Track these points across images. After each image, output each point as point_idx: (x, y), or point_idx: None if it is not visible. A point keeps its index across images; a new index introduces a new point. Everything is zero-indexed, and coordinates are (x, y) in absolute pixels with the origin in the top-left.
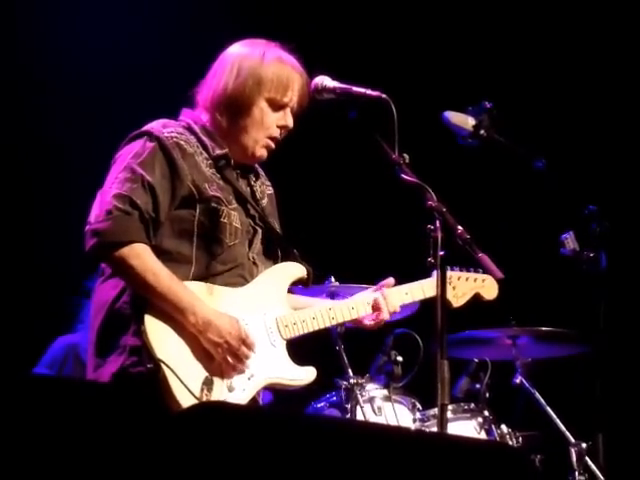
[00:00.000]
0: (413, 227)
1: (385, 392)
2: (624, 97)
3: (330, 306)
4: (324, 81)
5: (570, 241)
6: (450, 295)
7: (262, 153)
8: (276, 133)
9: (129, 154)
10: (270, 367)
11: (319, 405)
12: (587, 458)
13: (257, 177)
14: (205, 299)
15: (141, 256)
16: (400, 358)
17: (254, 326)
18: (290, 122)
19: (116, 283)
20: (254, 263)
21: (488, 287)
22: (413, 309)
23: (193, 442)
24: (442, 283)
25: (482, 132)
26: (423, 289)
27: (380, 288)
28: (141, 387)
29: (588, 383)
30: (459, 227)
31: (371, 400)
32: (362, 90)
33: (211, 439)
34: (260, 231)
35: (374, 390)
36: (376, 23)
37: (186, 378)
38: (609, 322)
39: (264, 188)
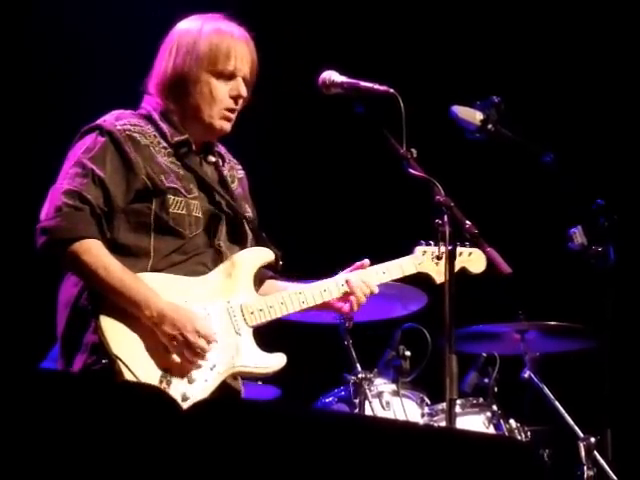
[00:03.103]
0: (421, 222)
1: (393, 387)
2: (632, 91)
3: (300, 290)
4: (332, 76)
5: (578, 235)
6: (433, 271)
7: (222, 125)
8: (231, 104)
9: (80, 149)
10: (234, 356)
11: (327, 400)
12: (596, 452)
13: (224, 161)
14: (161, 290)
15: (91, 251)
16: (408, 353)
17: (216, 314)
18: (243, 91)
19: (77, 280)
20: (218, 250)
21: (475, 260)
22: (421, 304)
23: (198, 439)
24: (450, 276)
25: (490, 126)
26: (402, 267)
27: (355, 269)
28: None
29: (597, 378)
30: (467, 221)
31: (379, 395)
32: (370, 85)
33: (217, 436)
34: (226, 217)
35: (382, 385)
36: (384, 17)
37: (142, 373)
38: (617, 316)
39: (233, 172)
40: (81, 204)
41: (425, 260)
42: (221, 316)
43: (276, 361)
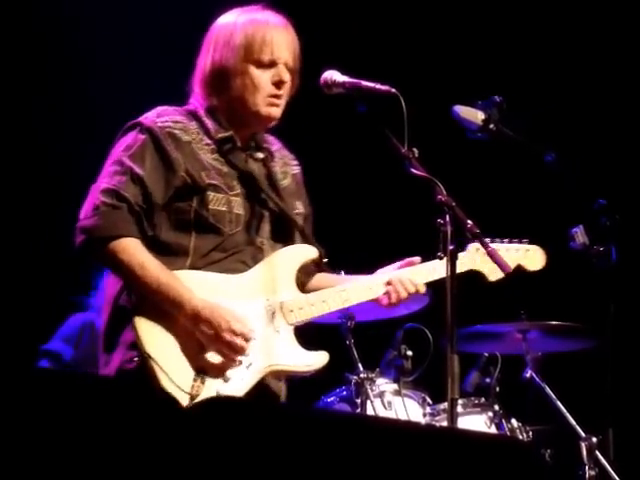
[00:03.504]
0: (423, 221)
1: (395, 386)
2: (635, 91)
3: (343, 288)
4: (333, 75)
5: (580, 235)
6: (486, 269)
7: (269, 111)
8: (273, 90)
9: (120, 147)
10: (272, 354)
11: (329, 399)
12: (597, 452)
13: (273, 157)
14: (198, 288)
15: (128, 250)
16: (410, 352)
17: (254, 313)
18: (285, 76)
19: (118, 278)
20: (260, 247)
21: (532, 257)
22: (423, 303)
23: (200, 438)
24: (452, 276)
25: (492, 126)
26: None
27: (405, 266)
28: (137, 382)
29: (598, 377)
30: (469, 221)
31: (381, 394)
32: (371, 84)
33: (218, 434)
34: (270, 214)
35: (384, 384)
36: (386, 17)
37: (175, 371)
38: (619, 316)
39: (286, 168)
40: (119, 202)
41: (477, 257)
42: (259, 314)
43: (317, 359)
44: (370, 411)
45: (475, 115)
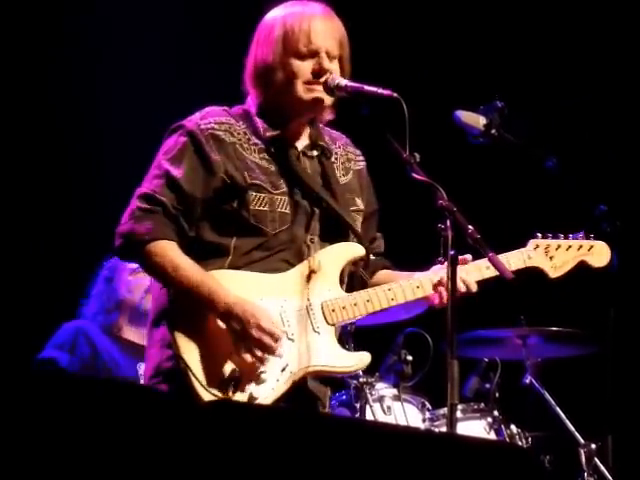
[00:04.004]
0: (424, 226)
1: (395, 391)
2: (636, 97)
3: (389, 287)
4: (336, 79)
5: None
6: (547, 266)
7: (311, 96)
8: (311, 78)
9: (162, 150)
10: (310, 355)
11: None
12: (596, 459)
13: (331, 153)
14: (234, 287)
15: (162, 252)
16: (410, 357)
17: (292, 312)
18: (326, 64)
19: None
20: (308, 246)
21: (597, 253)
22: (423, 308)
23: (199, 442)
24: (452, 281)
25: (493, 131)
26: (509, 262)
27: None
28: (172, 382)
29: (598, 384)
30: (469, 226)
31: (380, 399)
32: (374, 89)
33: (218, 439)
34: (320, 212)
35: (384, 389)
36: (388, 21)
37: (209, 374)
38: (620, 322)
39: (349, 164)
40: (154, 206)
41: (537, 254)
42: (298, 314)
43: (358, 360)
44: (369, 416)
45: (477, 120)
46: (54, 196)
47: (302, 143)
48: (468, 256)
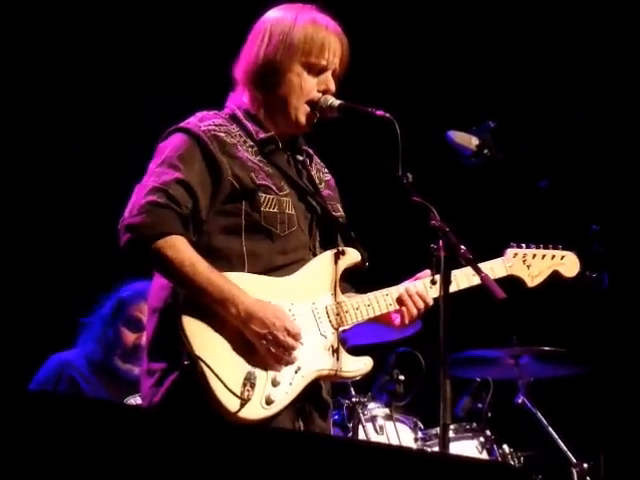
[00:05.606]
0: (416, 246)
1: (387, 411)
2: (627, 118)
3: (387, 291)
4: (328, 100)
5: None
6: (525, 274)
7: (306, 121)
8: (317, 97)
9: (167, 148)
10: (320, 359)
11: None
12: (588, 478)
13: (311, 160)
14: (248, 289)
15: (177, 247)
16: (402, 377)
17: (300, 315)
18: (332, 86)
19: (165, 284)
20: (310, 248)
21: (568, 264)
22: (416, 328)
23: (186, 458)
24: (444, 301)
25: (486, 151)
26: (493, 270)
27: (416, 279)
28: (184, 387)
29: (590, 403)
30: (462, 246)
31: (373, 419)
32: (366, 109)
33: (206, 456)
34: (315, 216)
35: (376, 409)
36: (381, 41)
37: (226, 374)
38: (611, 342)
39: (320, 174)
40: (166, 201)
41: (516, 262)
42: (306, 317)
43: (362, 365)
44: (362, 435)
45: (469, 140)
46: (54, 196)
47: (289, 146)
48: (426, 271)
